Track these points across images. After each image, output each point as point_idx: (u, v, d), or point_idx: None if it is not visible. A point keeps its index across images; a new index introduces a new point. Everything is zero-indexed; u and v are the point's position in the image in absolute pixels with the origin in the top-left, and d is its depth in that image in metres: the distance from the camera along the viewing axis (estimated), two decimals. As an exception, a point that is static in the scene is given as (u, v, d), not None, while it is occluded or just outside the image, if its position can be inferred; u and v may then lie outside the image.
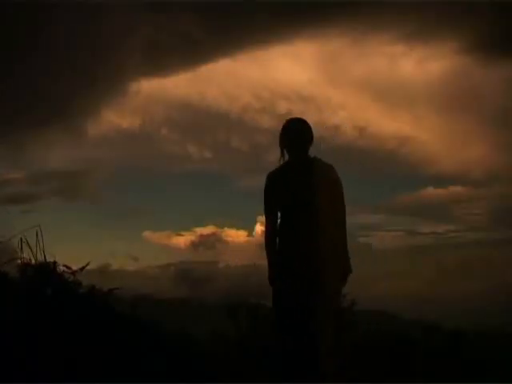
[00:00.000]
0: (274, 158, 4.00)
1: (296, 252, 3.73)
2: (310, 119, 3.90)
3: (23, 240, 4.39)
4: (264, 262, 4.07)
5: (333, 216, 3.74)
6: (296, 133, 3.83)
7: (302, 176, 3.76)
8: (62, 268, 4.51)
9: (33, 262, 4.45)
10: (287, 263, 3.76)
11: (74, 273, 4.52)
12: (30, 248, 4.39)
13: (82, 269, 4.54)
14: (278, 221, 3.89)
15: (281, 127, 3.95)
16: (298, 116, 4.00)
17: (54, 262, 4.48)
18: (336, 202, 3.81)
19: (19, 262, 4.48)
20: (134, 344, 4.28)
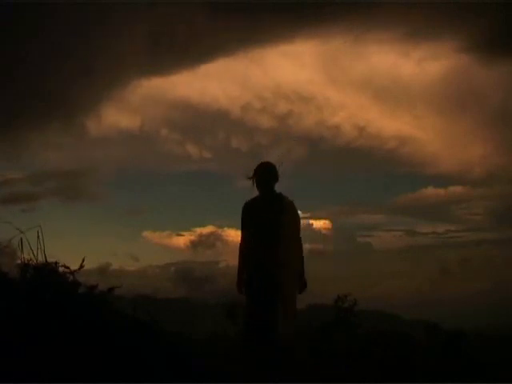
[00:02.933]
0: (274, 158, 4.72)
1: (260, 265, 4.62)
2: (310, 119, 4.04)
3: (23, 240, 4.40)
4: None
5: (291, 239, 4.68)
6: (261, 175, 4.81)
7: (267, 207, 4.74)
8: (61, 268, 4.52)
9: (33, 262, 4.45)
10: (253, 273, 4.67)
11: (72, 273, 4.52)
12: (30, 248, 4.39)
13: (80, 268, 4.54)
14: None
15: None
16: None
17: (55, 263, 4.48)
18: (294, 231, 4.75)
19: (19, 262, 4.48)
20: (134, 344, 4.28)
